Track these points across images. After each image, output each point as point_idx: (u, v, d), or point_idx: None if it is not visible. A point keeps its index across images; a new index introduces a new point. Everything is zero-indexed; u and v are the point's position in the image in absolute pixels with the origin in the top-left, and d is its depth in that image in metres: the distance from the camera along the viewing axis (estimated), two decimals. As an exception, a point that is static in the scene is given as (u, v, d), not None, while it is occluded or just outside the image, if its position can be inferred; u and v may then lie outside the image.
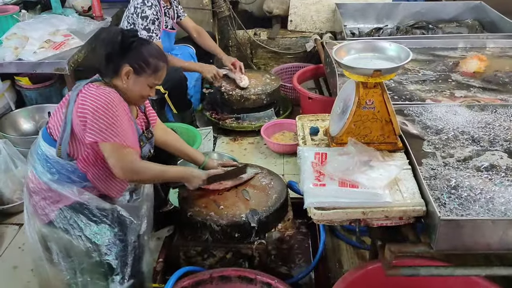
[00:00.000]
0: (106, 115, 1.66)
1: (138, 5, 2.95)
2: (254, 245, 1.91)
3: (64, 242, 1.78)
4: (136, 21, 2.97)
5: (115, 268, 1.75)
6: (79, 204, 1.76)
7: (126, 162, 1.73)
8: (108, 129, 1.67)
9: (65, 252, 1.80)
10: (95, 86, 1.72)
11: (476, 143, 1.70)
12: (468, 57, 2.59)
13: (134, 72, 1.75)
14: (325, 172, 1.51)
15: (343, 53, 1.65)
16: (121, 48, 1.72)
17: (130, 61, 1.74)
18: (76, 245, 1.76)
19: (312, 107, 3.15)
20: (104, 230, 1.75)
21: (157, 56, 1.79)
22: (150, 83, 1.80)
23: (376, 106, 1.57)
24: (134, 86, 1.77)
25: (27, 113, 3.28)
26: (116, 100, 1.70)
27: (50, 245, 1.81)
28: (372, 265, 1.65)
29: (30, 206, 1.83)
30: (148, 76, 1.77)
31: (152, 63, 1.76)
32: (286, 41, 3.98)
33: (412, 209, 1.39)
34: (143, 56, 1.75)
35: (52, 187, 1.75)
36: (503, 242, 1.30)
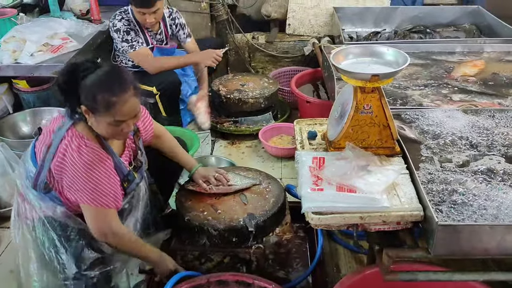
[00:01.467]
0: (84, 178, 1.59)
1: (111, 20, 2.98)
2: (251, 250, 1.91)
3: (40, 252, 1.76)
4: (113, 35, 2.98)
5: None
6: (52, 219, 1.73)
7: (103, 224, 1.67)
8: (86, 192, 1.61)
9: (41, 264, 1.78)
10: (77, 140, 1.61)
11: (474, 147, 1.70)
12: (465, 61, 2.60)
13: (90, 111, 1.57)
14: (323, 177, 1.51)
15: (341, 57, 1.65)
16: (70, 84, 1.56)
17: (82, 100, 1.56)
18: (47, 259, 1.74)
19: (310, 111, 3.15)
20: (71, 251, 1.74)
21: (108, 91, 1.53)
22: (110, 122, 1.57)
23: (374, 111, 1.58)
24: (98, 126, 1.60)
25: (24, 116, 3.27)
26: (96, 160, 1.61)
27: (30, 251, 1.79)
28: (370, 270, 1.65)
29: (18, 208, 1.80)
30: (103, 115, 1.55)
31: (100, 100, 1.52)
32: (284, 45, 3.98)
33: (410, 214, 1.39)
34: (92, 93, 1.53)
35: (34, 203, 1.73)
36: (501, 247, 1.30)
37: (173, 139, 2.14)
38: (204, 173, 2.07)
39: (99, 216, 1.67)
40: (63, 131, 1.64)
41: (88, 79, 1.54)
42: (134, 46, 2.95)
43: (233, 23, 3.96)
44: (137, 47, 2.96)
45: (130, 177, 1.80)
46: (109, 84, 1.55)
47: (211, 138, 3.26)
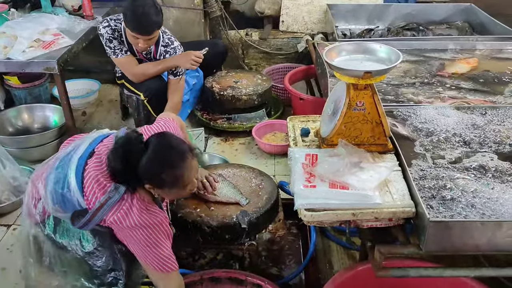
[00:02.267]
0: (149, 244, 1.55)
1: (99, 22, 2.94)
2: (244, 246, 1.91)
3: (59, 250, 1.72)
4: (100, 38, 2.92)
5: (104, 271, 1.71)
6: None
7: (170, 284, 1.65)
8: (151, 258, 1.57)
9: (58, 257, 1.74)
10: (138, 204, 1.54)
11: (466, 144, 1.71)
12: (458, 59, 2.61)
13: (156, 187, 1.55)
14: (315, 174, 1.51)
15: (334, 54, 1.65)
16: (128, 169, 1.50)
17: (145, 180, 1.52)
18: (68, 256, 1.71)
19: (303, 108, 3.15)
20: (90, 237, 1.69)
21: (170, 166, 1.51)
22: (180, 192, 1.60)
23: (367, 108, 1.58)
24: (166, 196, 1.64)
25: (16, 113, 3.26)
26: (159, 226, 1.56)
27: (42, 246, 1.74)
28: (362, 266, 1.66)
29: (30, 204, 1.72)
30: (171, 189, 1.56)
31: (165, 178, 1.51)
32: (278, 42, 3.97)
33: (402, 211, 1.40)
34: (154, 173, 1.50)
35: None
36: (491, 243, 1.31)
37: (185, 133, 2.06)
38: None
39: (164, 279, 1.64)
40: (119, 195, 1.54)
41: (144, 160, 1.49)
42: (117, 53, 2.90)
43: (227, 20, 3.94)
44: (119, 55, 2.90)
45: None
46: (169, 159, 1.52)
47: (204, 135, 3.26)
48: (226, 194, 1.99)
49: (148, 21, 2.64)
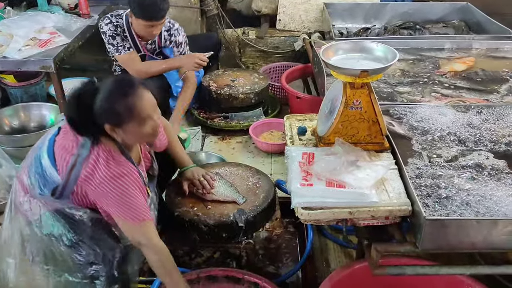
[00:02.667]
0: (118, 194, 1.57)
1: (100, 19, 2.91)
2: (241, 245, 1.92)
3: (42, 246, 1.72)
4: (102, 36, 2.89)
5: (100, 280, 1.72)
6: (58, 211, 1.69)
7: (142, 236, 1.63)
8: (121, 208, 1.58)
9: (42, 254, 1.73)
10: (104, 154, 1.57)
11: (462, 143, 1.72)
12: (455, 58, 2.62)
13: (116, 126, 1.55)
14: (312, 172, 1.51)
15: (331, 53, 1.66)
16: (85, 116, 1.53)
17: (104, 120, 1.54)
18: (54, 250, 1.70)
19: (300, 107, 3.16)
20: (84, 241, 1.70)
21: (122, 95, 1.53)
22: (139, 123, 1.57)
23: (363, 106, 1.58)
24: (128, 136, 1.59)
25: (12, 112, 3.24)
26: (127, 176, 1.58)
27: (25, 245, 1.74)
28: (358, 264, 1.66)
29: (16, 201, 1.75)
30: (129, 122, 1.54)
31: (119, 110, 1.51)
32: (275, 40, 3.97)
33: (398, 209, 1.40)
34: (110, 109, 1.52)
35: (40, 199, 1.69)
36: (487, 241, 1.32)
37: (175, 138, 2.09)
38: (191, 176, 2.03)
39: (136, 230, 1.63)
40: (87, 148, 1.58)
41: (97, 100, 1.51)
42: (120, 51, 2.88)
43: (223, 18, 3.94)
44: (122, 52, 2.88)
45: (148, 187, 1.76)
46: (119, 91, 1.54)
47: (201, 133, 3.25)
48: (223, 193, 1.99)
49: (160, 5, 2.67)
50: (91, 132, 1.57)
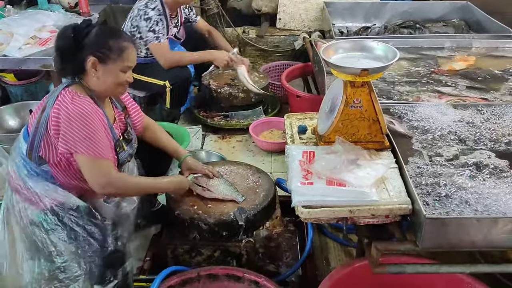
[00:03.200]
0: (79, 126, 1.61)
1: (141, 7, 2.94)
2: (242, 243, 1.91)
3: (30, 242, 1.73)
4: (140, 23, 2.94)
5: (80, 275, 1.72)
6: (51, 209, 1.71)
7: (100, 175, 1.67)
8: (81, 141, 1.62)
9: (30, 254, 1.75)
10: (70, 94, 1.65)
11: (462, 142, 1.72)
12: (454, 57, 2.62)
13: (100, 61, 1.66)
14: (312, 171, 1.51)
15: (331, 52, 1.66)
16: (76, 42, 1.64)
17: (91, 51, 1.64)
18: (40, 247, 1.71)
19: (300, 105, 3.16)
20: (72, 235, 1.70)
21: (118, 37, 1.69)
22: (121, 68, 1.69)
23: (364, 105, 1.58)
24: (105, 77, 1.68)
25: (12, 110, 3.23)
26: (90, 110, 1.64)
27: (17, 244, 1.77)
28: (359, 263, 1.66)
29: (9, 202, 1.78)
30: (115, 61, 1.67)
31: (114, 46, 1.66)
32: (275, 39, 3.98)
33: (398, 208, 1.40)
34: (103, 42, 1.65)
35: (27, 184, 1.71)
36: (487, 240, 1.32)
37: (162, 128, 2.14)
38: (192, 165, 2.06)
39: (96, 167, 1.66)
40: (56, 93, 1.67)
41: (93, 33, 1.65)
42: (159, 38, 2.95)
43: (224, 17, 3.94)
44: (161, 40, 2.97)
45: (120, 144, 1.80)
46: (117, 33, 1.72)
47: (201, 132, 3.26)
48: (222, 191, 1.99)
49: None
50: (75, 61, 1.66)
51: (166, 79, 3.03)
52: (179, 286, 1.73)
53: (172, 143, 2.13)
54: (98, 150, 1.65)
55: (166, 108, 3.15)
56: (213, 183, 2.02)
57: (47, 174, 1.72)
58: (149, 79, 3.06)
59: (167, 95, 3.08)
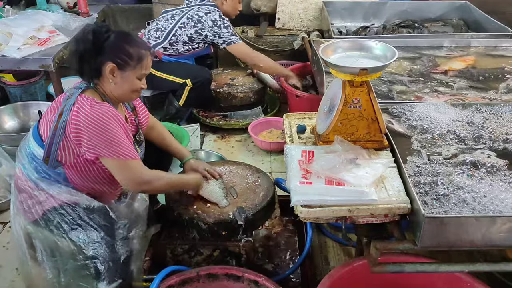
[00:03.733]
0: (103, 131, 1.62)
1: (217, 17, 3.07)
2: (241, 243, 1.91)
3: (48, 241, 1.75)
4: (220, 31, 3.07)
5: (102, 274, 1.72)
6: (65, 206, 1.73)
7: (134, 176, 1.70)
8: (107, 146, 1.63)
9: (50, 252, 1.77)
10: (88, 100, 1.65)
11: (461, 141, 1.72)
12: (454, 56, 2.62)
13: (118, 68, 1.68)
14: (311, 170, 1.51)
15: (330, 51, 1.66)
16: (95, 46, 1.65)
17: (111, 57, 1.66)
18: (60, 246, 1.73)
19: (299, 105, 3.16)
20: (90, 233, 1.72)
21: (137, 45, 1.72)
22: (138, 75, 1.73)
23: (363, 105, 1.59)
24: (122, 83, 1.71)
25: (11, 110, 3.23)
26: (111, 114, 1.65)
27: (34, 242, 1.78)
28: (358, 262, 1.67)
29: (17, 202, 1.79)
30: (133, 69, 1.70)
31: (134, 54, 1.69)
32: (274, 39, 3.98)
33: (397, 207, 1.41)
34: (123, 48, 1.67)
35: (39, 186, 1.72)
36: (486, 239, 1.32)
37: (165, 129, 2.15)
38: (195, 166, 2.07)
39: (127, 169, 1.69)
40: (73, 99, 1.67)
41: (112, 38, 1.67)
42: (237, 38, 3.12)
43: (223, 17, 3.94)
44: (239, 40, 3.14)
45: (134, 144, 1.82)
46: (137, 41, 1.74)
47: (200, 132, 3.26)
48: (208, 194, 1.99)
49: None
50: (93, 66, 1.67)
51: (187, 77, 3.07)
52: (179, 286, 1.73)
53: (176, 143, 2.14)
54: (125, 153, 1.66)
55: (177, 105, 3.16)
56: (204, 184, 2.02)
57: (59, 176, 1.73)
58: (168, 76, 3.11)
59: (184, 93, 3.11)
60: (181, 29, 3.11)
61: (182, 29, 3.11)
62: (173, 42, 3.14)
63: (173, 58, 3.18)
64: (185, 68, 3.14)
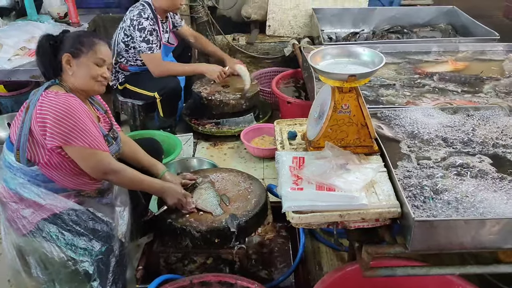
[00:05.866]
0: (68, 119, 1.65)
1: (134, 17, 2.95)
2: (234, 250, 1.92)
3: (40, 253, 1.75)
4: (134, 33, 2.97)
5: (92, 275, 1.72)
6: (51, 216, 1.73)
7: (98, 163, 1.73)
8: (72, 133, 1.65)
9: (42, 264, 1.76)
10: (53, 92, 1.71)
11: (450, 145, 1.74)
12: (441, 60, 2.65)
13: (73, 56, 1.75)
14: (302, 176, 1.52)
15: (319, 58, 1.67)
16: (53, 46, 1.76)
17: (66, 49, 1.75)
18: (50, 257, 1.73)
19: (291, 111, 3.18)
20: (78, 239, 1.72)
21: (91, 35, 1.84)
22: (94, 60, 1.77)
23: (352, 110, 1.60)
24: (80, 71, 1.76)
25: (2, 121, 3.22)
26: (76, 104, 1.69)
27: (28, 259, 1.78)
28: (350, 267, 1.67)
29: (4, 219, 1.80)
30: (87, 55, 1.76)
31: (85, 41, 1.77)
32: (265, 46, 4.00)
33: (388, 211, 1.42)
34: (75, 39, 1.78)
35: (22, 195, 1.73)
36: (475, 241, 1.33)
37: (136, 144, 2.12)
38: (171, 179, 2.06)
39: (94, 157, 1.71)
40: (38, 94, 1.73)
41: (68, 36, 1.80)
42: (153, 49, 2.99)
43: (213, 25, 3.96)
44: (155, 50, 3.00)
45: (109, 139, 1.85)
46: (90, 32, 1.92)
47: (193, 140, 3.26)
48: (201, 203, 1.99)
49: None
50: (52, 62, 1.76)
51: (155, 90, 3.06)
52: (172, 295, 1.72)
53: (149, 158, 2.10)
54: (92, 141, 1.69)
55: (161, 117, 3.17)
56: (197, 194, 2.03)
57: (39, 178, 1.73)
58: (140, 90, 3.11)
59: (158, 105, 3.11)
60: (118, 35, 3.09)
61: (118, 35, 3.09)
62: (120, 51, 3.11)
63: (137, 68, 3.16)
64: (151, 80, 3.09)
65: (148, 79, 3.09)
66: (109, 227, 1.79)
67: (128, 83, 3.16)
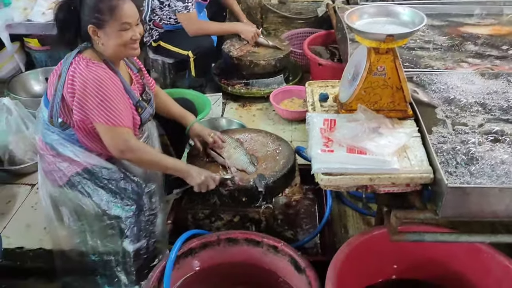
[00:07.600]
0: (95, 93, 1.63)
1: None
2: (261, 210, 1.94)
3: (75, 205, 1.81)
4: None
5: (125, 230, 1.78)
6: (86, 170, 1.78)
7: (119, 141, 1.70)
8: (95, 109, 1.64)
9: (76, 216, 1.83)
10: (85, 60, 1.68)
11: (488, 112, 1.68)
12: (484, 24, 2.52)
13: (97, 27, 1.66)
14: (333, 138, 1.50)
15: (355, 17, 1.61)
16: (73, 14, 1.67)
17: (88, 20, 1.66)
18: (86, 209, 1.78)
19: (322, 74, 3.11)
20: (111, 195, 1.77)
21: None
22: (120, 27, 1.66)
23: (387, 73, 1.55)
24: (108, 40, 1.68)
25: (36, 75, 3.29)
26: (106, 77, 1.66)
27: (61, 209, 1.85)
28: (377, 231, 1.67)
29: (41, 169, 1.86)
30: (110, 24, 1.65)
31: (103, 8, 1.64)
32: (298, 6, 3.89)
33: (420, 176, 1.39)
34: (94, 7, 1.65)
35: (57, 151, 1.77)
36: (509, 210, 1.30)
37: (168, 96, 2.14)
38: (199, 131, 2.07)
39: (115, 135, 1.70)
40: (70, 59, 1.70)
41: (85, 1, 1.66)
42: (189, 8, 2.98)
43: (245, -17, 3.86)
44: (191, 9, 2.99)
45: (142, 104, 1.84)
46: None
47: (222, 100, 3.26)
48: (234, 162, 2.00)
49: None
50: (76, 32, 1.70)
51: (189, 49, 3.06)
52: (200, 249, 1.77)
53: (180, 109, 2.12)
54: (115, 119, 1.67)
55: (192, 77, 3.17)
56: (228, 152, 2.03)
57: (73, 138, 1.77)
58: (174, 48, 3.11)
59: (191, 64, 3.10)
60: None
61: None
62: (154, 8, 3.09)
63: (172, 26, 3.15)
64: (186, 38, 3.08)
65: (182, 38, 3.08)
66: (139, 187, 1.82)
67: (162, 41, 3.17)
